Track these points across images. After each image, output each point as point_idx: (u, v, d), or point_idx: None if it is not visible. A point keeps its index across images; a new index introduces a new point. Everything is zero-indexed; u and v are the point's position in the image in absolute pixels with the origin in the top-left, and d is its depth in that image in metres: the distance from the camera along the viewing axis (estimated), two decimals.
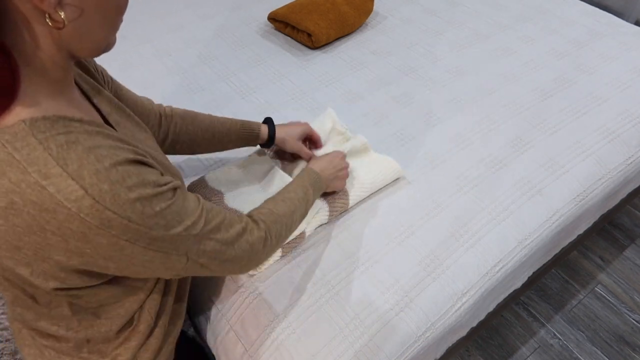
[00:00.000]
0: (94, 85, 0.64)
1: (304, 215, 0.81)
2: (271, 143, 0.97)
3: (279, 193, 0.78)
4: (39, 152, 0.44)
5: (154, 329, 0.70)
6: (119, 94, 0.77)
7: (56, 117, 0.47)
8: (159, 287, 0.68)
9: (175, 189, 0.54)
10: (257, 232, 0.66)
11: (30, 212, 0.44)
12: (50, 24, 0.45)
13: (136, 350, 0.68)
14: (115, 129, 0.60)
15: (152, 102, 0.86)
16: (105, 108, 0.63)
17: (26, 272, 0.50)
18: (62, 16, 0.45)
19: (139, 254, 0.51)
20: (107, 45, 0.54)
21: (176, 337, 0.77)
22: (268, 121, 0.98)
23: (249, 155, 1.06)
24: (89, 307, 0.61)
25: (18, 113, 0.46)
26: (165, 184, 0.52)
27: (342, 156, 0.96)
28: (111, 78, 0.76)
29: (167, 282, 0.71)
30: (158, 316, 0.70)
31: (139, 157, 0.52)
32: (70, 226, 0.45)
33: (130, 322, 0.67)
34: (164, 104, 0.89)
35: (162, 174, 0.55)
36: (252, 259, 0.66)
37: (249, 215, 0.70)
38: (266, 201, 0.76)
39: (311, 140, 1.05)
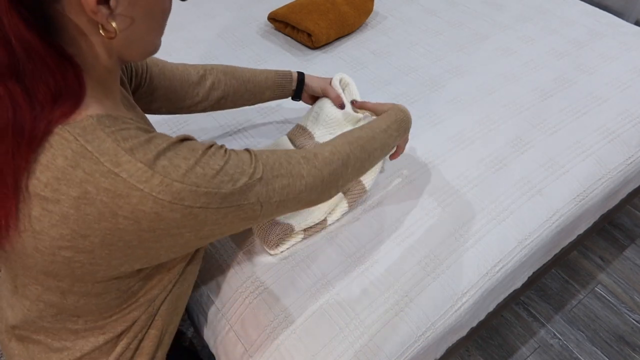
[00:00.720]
0: (125, 95, 0.68)
1: (384, 148, 0.81)
2: (301, 86, 1.05)
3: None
4: (108, 143, 0.48)
5: (157, 322, 0.70)
6: (154, 71, 0.83)
7: (117, 115, 0.51)
8: (175, 277, 0.69)
9: (224, 148, 0.56)
10: (322, 155, 0.67)
11: (103, 200, 0.47)
12: (103, 34, 0.49)
13: (136, 341, 0.68)
14: None
15: (189, 69, 0.91)
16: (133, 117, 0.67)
17: (86, 258, 0.51)
18: (114, 26, 0.48)
19: (212, 215, 0.53)
20: (154, 48, 0.57)
21: (173, 332, 0.77)
22: (298, 73, 1.06)
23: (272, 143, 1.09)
24: (116, 301, 0.62)
25: (85, 111, 0.49)
26: (213, 146, 0.55)
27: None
28: (147, 65, 0.81)
29: (183, 270, 0.71)
30: (163, 306, 0.70)
31: (184, 136, 0.55)
32: (143, 208, 0.48)
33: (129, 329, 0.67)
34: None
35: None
36: (326, 183, 0.66)
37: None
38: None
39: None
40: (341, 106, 1.03)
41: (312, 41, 1.43)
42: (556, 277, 1.54)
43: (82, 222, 0.48)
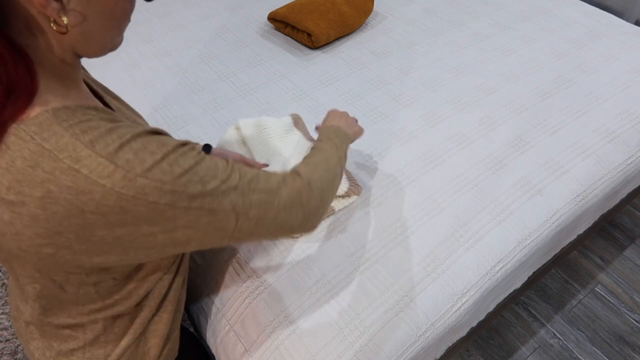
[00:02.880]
0: (102, 86, 0.67)
1: (341, 163, 0.79)
2: None
3: (309, 153, 0.78)
4: (66, 138, 0.46)
5: (161, 313, 0.70)
6: None
7: (75, 106, 0.49)
8: (171, 268, 0.69)
9: (198, 149, 0.55)
10: (299, 179, 0.65)
11: (67, 198, 0.46)
12: (54, 28, 0.47)
13: (140, 335, 0.68)
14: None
15: None
16: (115, 104, 0.65)
17: (68, 254, 0.51)
18: (66, 22, 0.47)
19: (182, 216, 0.51)
20: (114, 45, 0.55)
21: (179, 323, 0.77)
22: (206, 147, 0.97)
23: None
24: (114, 287, 0.61)
25: (40, 106, 0.48)
26: (187, 144, 0.53)
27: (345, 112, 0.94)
28: None
29: (176, 263, 0.71)
30: (166, 299, 0.70)
31: (155, 129, 0.53)
32: (107, 203, 0.46)
33: (140, 305, 0.67)
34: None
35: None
36: (305, 207, 0.64)
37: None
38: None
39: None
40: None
41: (312, 41, 1.43)
42: (556, 277, 1.54)
43: (53, 220, 0.47)
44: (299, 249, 0.92)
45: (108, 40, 0.53)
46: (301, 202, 0.64)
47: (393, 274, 0.89)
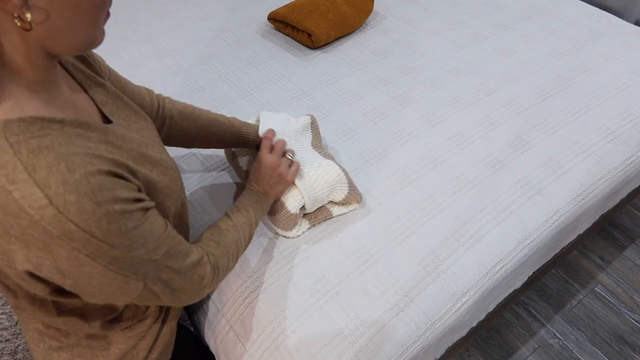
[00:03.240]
0: (89, 74, 0.63)
1: (249, 239, 0.79)
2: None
3: (222, 220, 0.77)
4: (9, 155, 0.43)
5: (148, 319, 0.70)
6: (116, 85, 0.76)
7: (33, 119, 0.46)
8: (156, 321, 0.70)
9: (146, 209, 0.53)
10: (209, 267, 0.65)
11: None
12: (19, 24, 0.44)
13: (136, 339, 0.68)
14: (110, 120, 0.60)
15: (151, 93, 0.84)
16: (100, 98, 0.62)
17: (10, 272, 0.49)
18: (29, 18, 0.44)
19: (98, 274, 0.49)
20: (91, 41, 0.52)
21: (174, 326, 0.77)
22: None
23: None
24: (73, 308, 0.60)
25: None
26: (137, 201, 0.51)
27: (277, 156, 0.89)
28: (109, 68, 0.75)
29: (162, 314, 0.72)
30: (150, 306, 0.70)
31: (115, 169, 0.50)
32: (32, 233, 0.44)
33: (119, 317, 0.67)
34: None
35: (139, 189, 0.53)
36: (197, 293, 0.64)
37: (202, 248, 0.68)
38: (211, 231, 0.73)
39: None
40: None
41: (312, 41, 1.43)
42: (556, 277, 1.54)
43: None
44: (299, 249, 0.92)
45: (82, 36, 0.50)
46: (202, 286, 0.64)
47: (393, 274, 0.89)
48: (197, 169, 1.08)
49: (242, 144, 0.96)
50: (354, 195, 0.96)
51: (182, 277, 0.59)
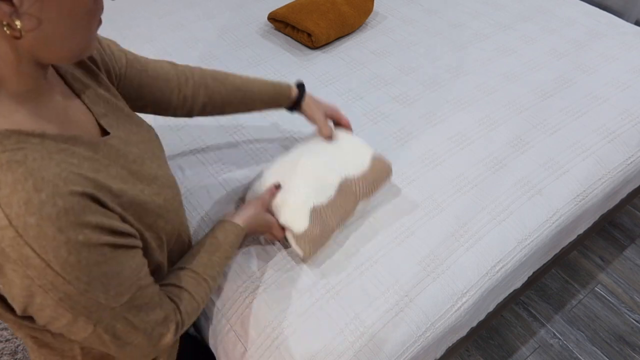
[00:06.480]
0: (88, 84, 0.61)
1: (221, 272, 0.75)
2: (298, 106, 0.95)
3: (201, 257, 0.70)
4: None
5: None
6: (136, 66, 0.74)
7: (9, 132, 0.44)
8: None
9: (117, 246, 0.49)
10: (174, 327, 0.59)
11: None
12: (8, 32, 0.43)
13: None
14: (107, 132, 0.58)
15: (177, 68, 0.82)
16: (98, 110, 0.60)
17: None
18: (19, 25, 0.43)
19: (48, 308, 0.46)
20: (82, 50, 0.50)
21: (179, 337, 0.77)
22: (299, 86, 0.96)
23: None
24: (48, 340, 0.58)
25: None
26: (110, 232, 0.47)
27: (273, 223, 0.86)
28: (125, 53, 0.72)
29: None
30: None
31: (92, 192, 0.47)
32: None
33: None
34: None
35: (122, 219, 0.50)
36: (150, 352, 0.58)
37: (174, 302, 0.62)
38: (187, 275, 0.66)
39: (339, 124, 1.01)
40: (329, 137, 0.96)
41: (312, 41, 1.43)
42: (556, 277, 1.54)
43: None
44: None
45: (74, 44, 0.48)
46: (158, 345, 0.58)
47: (393, 274, 0.89)
48: (194, 163, 1.08)
49: (276, 102, 0.94)
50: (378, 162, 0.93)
51: (140, 333, 0.54)
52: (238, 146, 1.14)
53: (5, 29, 0.43)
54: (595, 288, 1.52)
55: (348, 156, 0.95)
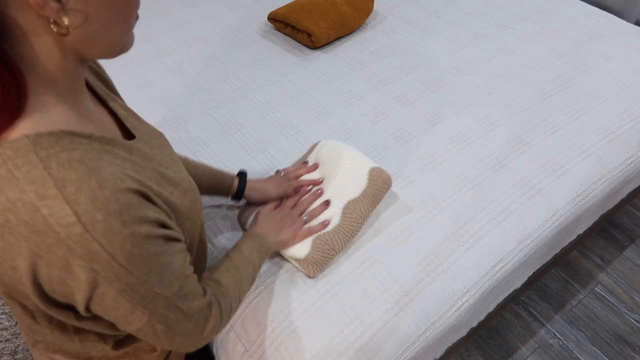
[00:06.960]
0: (106, 91, 0.62)
1: (251, 282, 0.77)
2: (240, 197, 0.92)
3: (222, 262, 0.74)
4: (38, 170, 0.42)
5: None
6: None
7: (62, 133, 0.45)
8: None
9: (168, 238, 0.51)
10: (215, 311, 0.62)
11: (22, 233, 0.42)
12: (55, 30, 0.43)
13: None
14: (133, 134, 0.59)
15: None
16: (122, 112, 0.61)
17: (22, 287, 0.48)
18: (66, 22, 0.43)
19: (109, 297, 0.48)
20: (124, 44, 0.51)
21: None
22: (241, 174, 0.92)
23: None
24: (84, 328, 0.59)
25: (24, 127, 0.44)
26: (162, 226, 0.50)
27: (285, 207, 0.89)
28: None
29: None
30: None
31: (142, 189, 0.49)
32: (57, 251, 0.43)
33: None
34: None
35: (167, 215, 0.52)
36: (199, 339, 0.61)
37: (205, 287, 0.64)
38: (210, 270, 0.70)
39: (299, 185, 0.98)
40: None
41: (312, 41, 1.43)
42: (556, 277, 1.54)
43: (9, 252, 0.44)
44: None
45: (115, 39, 0.49)
46: (205, 330, 0.61)
47: (393, 274, 0.89)
48: None
49: (218, 190, 0.91)
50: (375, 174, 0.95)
51: (189, 321, 0.57)
52: (238, 146, 1.14)
53: (52, 26, 0.43)
54: (595, 288, 1.52)
55: (344, 182, 0.96)
